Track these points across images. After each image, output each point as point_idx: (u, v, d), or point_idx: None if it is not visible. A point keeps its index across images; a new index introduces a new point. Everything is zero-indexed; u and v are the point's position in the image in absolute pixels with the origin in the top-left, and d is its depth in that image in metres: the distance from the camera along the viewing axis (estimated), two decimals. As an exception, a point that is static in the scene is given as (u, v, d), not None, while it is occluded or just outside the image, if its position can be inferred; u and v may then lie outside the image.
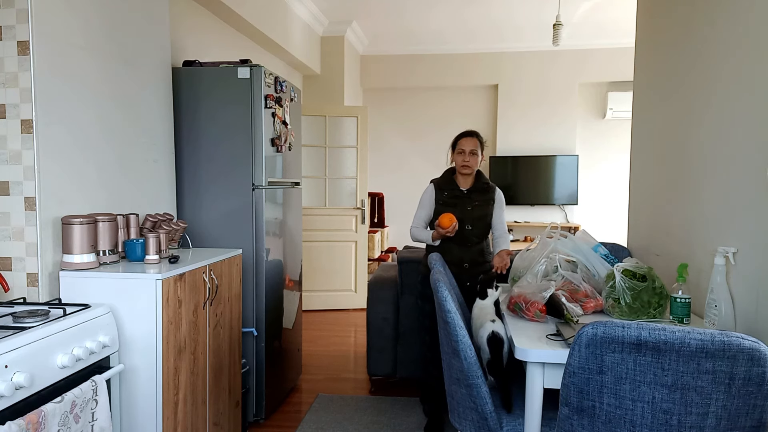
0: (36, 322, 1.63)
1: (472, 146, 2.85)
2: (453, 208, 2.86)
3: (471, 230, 2.86)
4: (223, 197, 2.93)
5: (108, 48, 2.32)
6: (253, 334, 2.95)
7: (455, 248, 2.85)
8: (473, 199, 2.90)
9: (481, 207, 2.89)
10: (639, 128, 2.97)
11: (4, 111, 1.93)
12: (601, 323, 1.34)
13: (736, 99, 1.93)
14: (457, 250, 2.85)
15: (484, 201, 2.91)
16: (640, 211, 2.93)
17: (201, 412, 2.36)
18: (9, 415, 1.41)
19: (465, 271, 2.84)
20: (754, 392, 1.28)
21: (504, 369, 2.00)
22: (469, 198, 2.90)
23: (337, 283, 5.74)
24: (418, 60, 6.88)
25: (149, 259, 2.23)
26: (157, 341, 2.02)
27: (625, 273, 2.10)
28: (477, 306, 2.17)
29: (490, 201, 2.92)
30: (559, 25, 4.60)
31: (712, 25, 2.14)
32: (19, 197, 1.95)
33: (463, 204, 2.88)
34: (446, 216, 2.72)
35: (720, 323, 1.84)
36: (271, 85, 2.97)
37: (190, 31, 3.47)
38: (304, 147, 5.41)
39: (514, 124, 6.78)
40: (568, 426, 1.44)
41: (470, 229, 2.86)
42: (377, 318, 3.54)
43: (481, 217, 2.88)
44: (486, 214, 2.90)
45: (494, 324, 2.03)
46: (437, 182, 2.99)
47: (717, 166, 2.06)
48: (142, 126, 2.58)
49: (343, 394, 3.50)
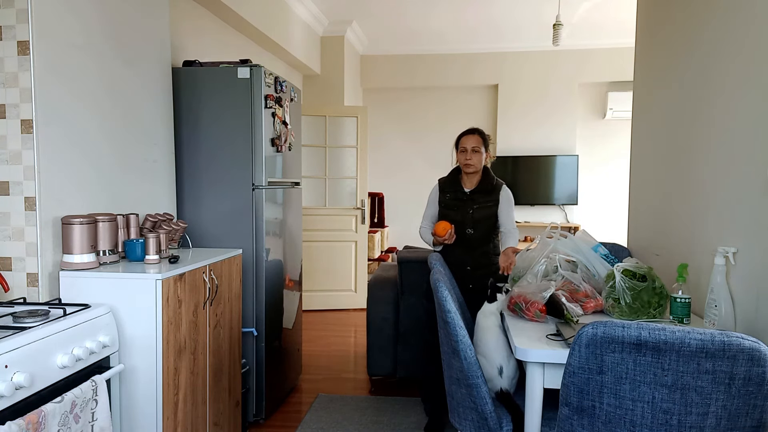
0: (36, 322, 1.63)
1: (474, 143, 2.83)
2: (455, 211, 2.85)
3: (472, 233, 2.84)
4: (223, 197, 2.93)
5: (108, 48, 2.32)
6: (253, 334, 2.95)
7: (457, 251, 2.85)
8: (475, 201, 2.85)
9: (483, 209, 2.85)
10: (639, 128, 2.97)
11: (4, 111, 1.93)
12: (601, 323, 1.34)
13: (736, 98, 1.93)
14: (460, 253, 2.84)
15: (486, 203, 2.86)
16: (640, 211, 2.93)
17: (201, 412, 2.36)
18: (9, 415, 1.41)
19: (468, 273, 2.83)
20: (754, 392, 1.28)
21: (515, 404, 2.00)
22: (471, 200, 2.86)
23: (337, 283, 5.74)
24: (418, 60, 6.88)
25: (149, 259, 2.23)
26: (157, 341, 2.02)
27: (625, 273, 2.10)
28: (483, 313, 2.14)
29: (494, 202, 2.87)
30: (559, 25, 4.60)
31: (712, 25, 2.14)
32: (19, 197, 1.95)
33: (465, 207, 2.85)
34: (440, 224, 2.74)
35: (720, 323, 1.84)
36: (271, 85, 2.97)
37: (190, 31, 3.47)
38: (304, 147, 5.41)
39: (514, 124, 6.78)
40: (568, 426, 1.44)
41: (471, 232, 2.83)
42: (377, 318, 3.54)
43: (482, 219, 2.84)
44: (489, 216, 2.86)
45: (502, 378, 2.03)
46: (442, 182, 2.97)
47: (717, 165, 2.06)
48: (142, 126, 2.58)
49: (343, 394, 3.50)
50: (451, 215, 2.86)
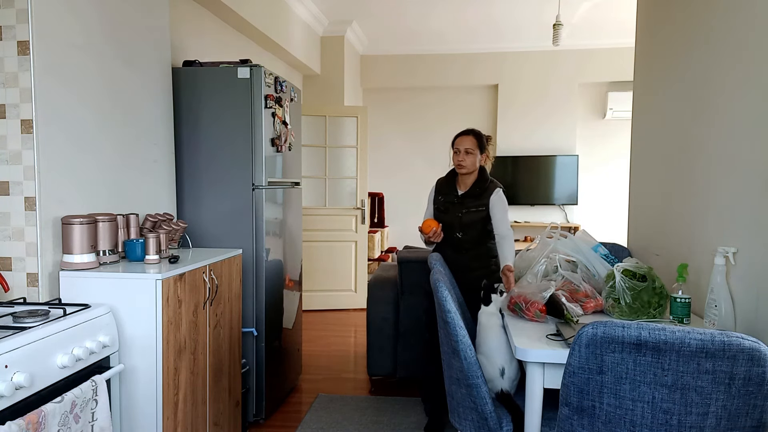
0: (36, 322, 1.63)
1: (467, 145, 2.79)
2: (445, 214, 2.85)
3: (461, 237, 2.82)
4: (223, 197, 2.93)
5: (108, 48, 2.32)
6: (253, 334, 2.95)
7: (449, 253, 2.84)
8: (464, 206, 2.82)
9: (471, 214, 2.80)
10: (639, 128, 2.97)
11: (4, 111, 1.93)
12: (601, 323, 1.34)
13: (736, 98, 1.93)
14: (451, 255, 2.84)
15: (476, 207, 2.80)
16: (640, 211, 2.93)
17: (201, 412, 2.36)
18: (9, 415, 1.41)
19: (464, 275, 2.81)
20: (754, 392, 1.28)
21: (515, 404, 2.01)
22: (461, 204, 2.83)
23: (337, 283, 5.74)
24: (418, 60, 6.88)
25: (149, 259, 2.23)
26: (157, 341, 2.02)
27: (625, 273, 2.10)
28: (485, 313, 2.14)
29: (484, 206, 2.79)
30: (559, 25, 4.61)
31: (712, 25, 2.14)
32: (19, 197, 1.95)
33: (454, 210, 2.84)
34: (427, 221, 2.79)
35: (720, 323, 1.84)
36: (271, 85, 2.97)
37: (190, 31, 3.47)
38: (304, 147, 5.41)
39: (514, 124, 6.78)
40: (568, 426, 1.44)
41: (460, 236, 2.82)
42: (377, 318, 3.54)
43: (471, 224, 2.80)
44: (478, 220, 2.80)
45: (503, 379, 2.03)
46: (438, 184, 2.97)
47: (717, 165, 2.06)
48: (142, 126, 2.58)
49: (343, 394, 3.50)
50: (443, 218, 2.85)
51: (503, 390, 2.03)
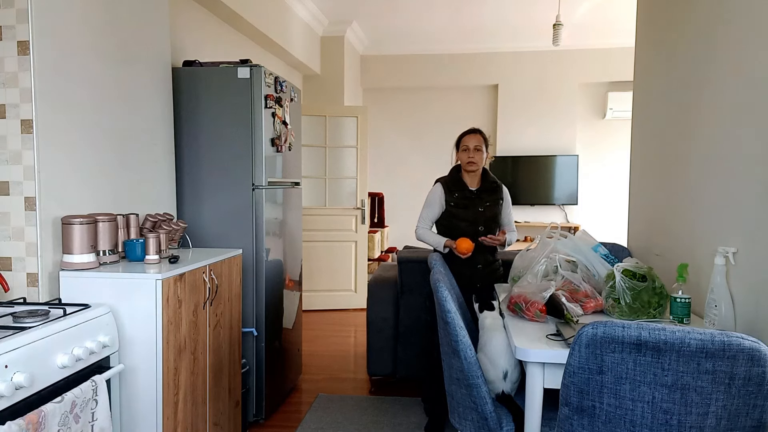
0: (36, 322, 1.63)
1: (476, 143, 2.86)
2: (464, 210, 2.86)
3: (483, 231, 2.87)
4: (223, 197, 2.93)
5: (108, 48, 2.32)
6: (253, 334, 2.95)
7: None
8: (484, 200, 2.90)
9: (491, 207, 2.90)
10: (639, 128, 2.97)
11: (4, 111, 1.93)
12: (601, 323, 1.34)
13: (736, 98, 1.93)
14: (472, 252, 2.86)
15: (493, 201, 2.92)
16: (640, 211, 2.93)
17: (201, 411, 2.36)
18: (9, 415, 1.41)
19: (478, 272, 2.85)
20: (754, 392, 1.28)
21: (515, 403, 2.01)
22: (479, 198, 2.90)
23: (337, 283, 5.74)
24: (418, 60, 6.88)
25: (149, 259, 2.23)
26: (157, 341, 2.02)
27: (625, 273, 2.10)
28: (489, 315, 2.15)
29: (499, 200, 2.94)
30: (559, 25, 4.61)
31: (711, 24, 2.14)
32: (19, 197, 1.95)
33: (475, 205, 2.88)
34: (465, 241, 2.75)
35: (720, 323, 1.84)
36: (271, 85, 2.97)
37: (190, 31, 3.47)
38: (304, 147, 5.41)
39: (514, 124, 6.77)
40: (568, 426, 1.44)
41: (482, 230, 2.87)
42: (377, 318, 3.54)
43: (492, 217, 2.90)
44: (496, 213, 2.92)
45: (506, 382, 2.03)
46: (445, 182, 2.96)
47: (717, 165, 2.06)
48: (142, 126, 2.58)
49: (343, 394, 3.50)
50: (462, 214, 2.86)
51: (504, 392, 2.02)
